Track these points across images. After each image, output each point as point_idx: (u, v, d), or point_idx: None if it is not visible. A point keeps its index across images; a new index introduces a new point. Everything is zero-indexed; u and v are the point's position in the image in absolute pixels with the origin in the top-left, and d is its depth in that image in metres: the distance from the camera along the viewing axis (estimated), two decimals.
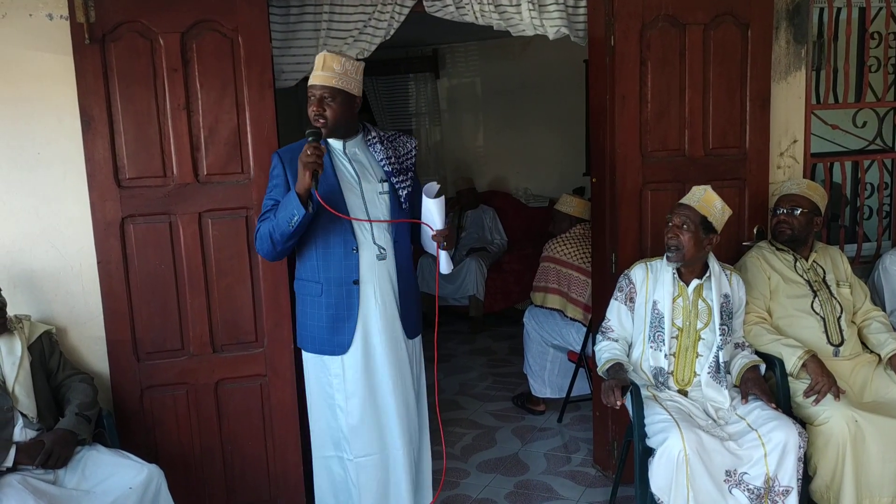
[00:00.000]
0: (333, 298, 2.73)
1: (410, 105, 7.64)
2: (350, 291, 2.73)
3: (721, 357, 2.88)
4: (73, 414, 2.72)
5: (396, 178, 2.78)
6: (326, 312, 2.74)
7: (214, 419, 3.12)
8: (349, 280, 2.72)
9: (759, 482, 2.66)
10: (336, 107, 2.64)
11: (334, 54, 2.64)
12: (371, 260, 2.73)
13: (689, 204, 2.88)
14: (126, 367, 3.01)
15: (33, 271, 2.95)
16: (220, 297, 3.05)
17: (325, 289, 2.74)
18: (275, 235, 2.62)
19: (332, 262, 2.72)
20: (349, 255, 2.71)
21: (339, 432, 2.82)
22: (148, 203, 2.95)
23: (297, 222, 2.56)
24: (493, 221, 6.70)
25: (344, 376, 2.77)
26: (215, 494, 3.15)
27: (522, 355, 4.55)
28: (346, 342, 2.75)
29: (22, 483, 2.51)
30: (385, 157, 2.78)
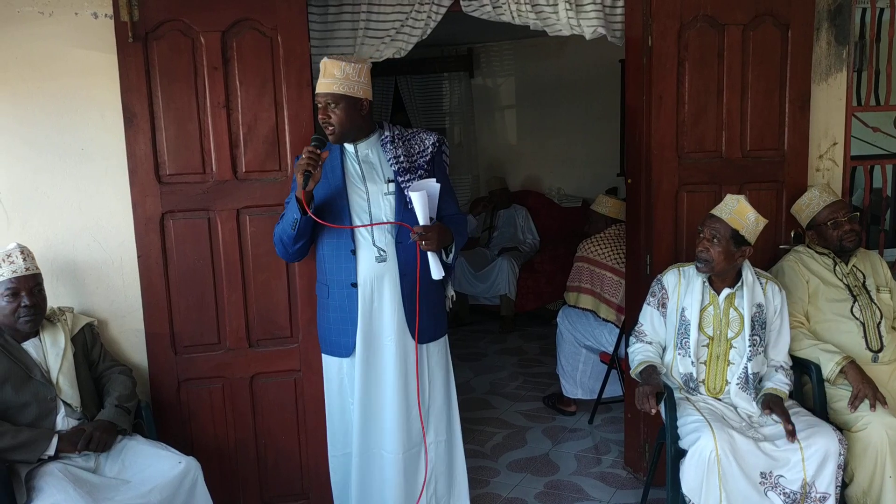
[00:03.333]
0: (337, 301, 2.79)
1: (444, 104, 7.66)
2: (350, 294, 2.76)
3: (750, 368, 2.83)
4: (112, 406, 2.78)
5: (402, 177, 2.77)
6: (333, 314, 2.83)
7: (249, 413, 3.16)
8: (348, 282, 2.76)
9: (796, 486, 2.63)
10: (340, 112, 2.67)
11: (334, 59, 2.65)
12: (370, 262, 2.75)
13: (720, 216, 2.82)
14: (164, 360, 3.06)
15: (76, 264, 3.01)
16: (256, 293, 3.09)
17: (331, 291, 2.81)
18: (284, 238, 2.73)
19: (336, 265, 2.78)
20: (348, 257, 2.75)
21: (348, 430, 2.89)
22: (187, 199, 2.99)
23: (299, 226, 2.65)
24: (526, 221, 6.70)
25: (353, 377, 2.83)
26: (249, 487, 3.19)
27: (553, 356, 4.55)
28: (349, 344, 2.80)
29: (63, 471, 2.57)
30: (393, 156, 2.78)
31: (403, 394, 2.83)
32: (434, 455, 2.94)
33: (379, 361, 2.81)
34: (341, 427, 2.92)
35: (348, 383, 2.85)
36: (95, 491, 2.54)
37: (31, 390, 2.67)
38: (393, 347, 2.80)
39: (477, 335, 6.21)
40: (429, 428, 2.92)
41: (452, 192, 2.96)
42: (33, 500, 2.50)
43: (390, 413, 2.83)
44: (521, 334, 6.24)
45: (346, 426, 2.90)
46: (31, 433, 2.60)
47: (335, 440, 2.96)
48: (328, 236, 2.76)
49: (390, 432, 2.84)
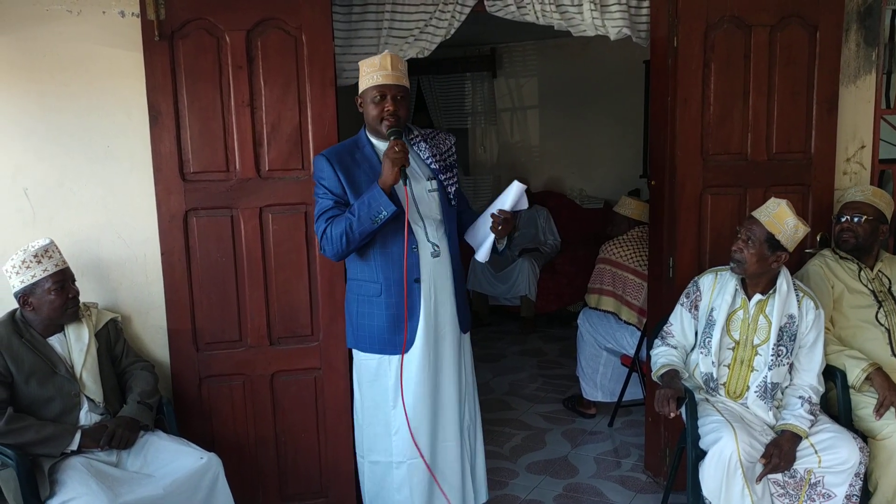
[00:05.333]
0: (394, 298, 2.74)
1: (466, 104, 7.66)
2: (411, 290, 2.73)
3: (770, 378, 2.79)
4: (134, 402, 2.80)
5: (444, 175, 2.80)
6: (387, 312, 2.75)
7: (269, 410, 3.17)
8: (410, 279, 2.72)
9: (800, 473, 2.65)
10: (405, 105, 2.70)
11: (395, 55, 2.69)
12: (427, 258, 2.75)
13: (759, 218, 2.77)
14: (186, 357, 3.09)
15: (100, 260, 3.04)
16: (277, 291, 3.10)
17: (385, 288, 2.74)
18: (352, 235, 2.61)
19: (391, 262, 2.72)
20: (410, 253, 2.71)
21: (393, 434, 2.81)
22: (211, 197, 3.01)
23: (384, 219, 2.58)
24: (547, 222, 6.68)
25: (402, 376, 2.77)
26: (268, 484, 3.21)
27: (573, 357, 4.53)
28: (408, 340, 2.76)
29: (85, 465, 2.60)
30: (430, 154, 2.80)
31: (461, 385, 2.87)
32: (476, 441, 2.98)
33: (443, 355, 2.81)
34: (384, 432, 2.81)
35: (395, 382, 2.77)
36: (117, 485, 2.57)
37: (55, 385, 2.70)
38: (454, 340, 2.84)
39: (497, 336, 6.20)
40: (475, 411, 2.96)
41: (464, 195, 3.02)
42: (56, 493, 2.52)
43: (451, 406, 2.84)
44: (540, 336, 6.22)
45: (389, 429, 2.80)
46: (55, 428, 2.63)
47: (375, 445, 2.84)
48: (384, 233, 2.69)
49: (453, 425, 2.85)
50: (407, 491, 2.83)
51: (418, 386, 2.77)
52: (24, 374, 2.65)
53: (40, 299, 2.69)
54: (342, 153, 2.73)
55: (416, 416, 2.77)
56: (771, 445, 2.66)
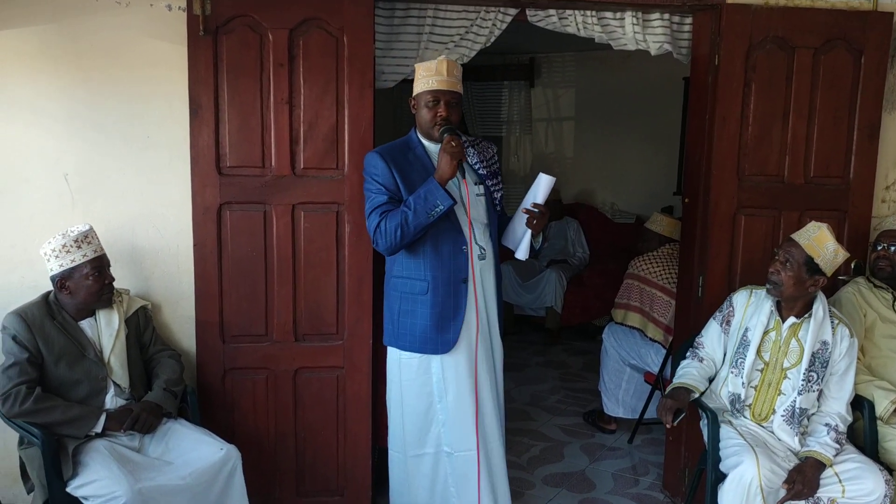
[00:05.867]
0: (440, 297, 2.76)
1: (503, 112, 7.66)
2: (458, 290, 2.77)
3: (799, 403, 2.74)
4: (160, 388, 2.84)
5: (491, 181, 2.86)
6: (433, 311, 2.77)
7: (291, 406, 3.19)
8: (458, 279, 2.76)
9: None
10: (458, 111, 2.76)
11: (452, 61, 2.73)
12: (476, 259, 2.79)
13: (798, 241, 2.74)
14: (212, 348, 3.12)
15: (134, 249, 3.09)
16: (305, 288, 3.13)
17: (433, 287, 2.76)
18: (407, 228, 2.64)
19: (441, 261, 2.76)
20: (459, 253, 2.76)
21: (442, 430, 2.85)
22: (245, 191, 3.04)
23: (440, 213, 2.62)
24: (577, 234, 6.65)
25: (445, 374, 2.80)
26: (285, 480, 3.22)
27: (596, 371, 4.50)
28: (451, 340, 2.78)
29: (108, 449, 2.64)
30: (479, 160, 2.86)
31: (495, 387, 2.90)
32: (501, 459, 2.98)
33: (483, 358, 2.83)
34: (423, 426, 2.86)
35: (441, 380, 2.81)
36: (138, 470, 2.60)
37: (83, 368, 2.74)
38: (492, 344, 2.88)
39: (520, 346, 6.18)
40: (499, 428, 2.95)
41: None
42: (79, 474, 2.57)
43: (489, 407, 2.86)
44: (564, 348, 6.19)
45: (428, 425, 2.86)
46: (81, 410, 2.67)
47: (412, 440, 2.88)
48: (436, 231, 2.72)
49: (493, 426, 2.87)
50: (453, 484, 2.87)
51: (462, 384, 2.81)
52: (54, 355, 2.69)
53: (78, 284, 2.74)
54: (395, 152, 2.78)
55: (461, 414, 2.82)
56: (794, 471, 2.62)
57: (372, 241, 2.77)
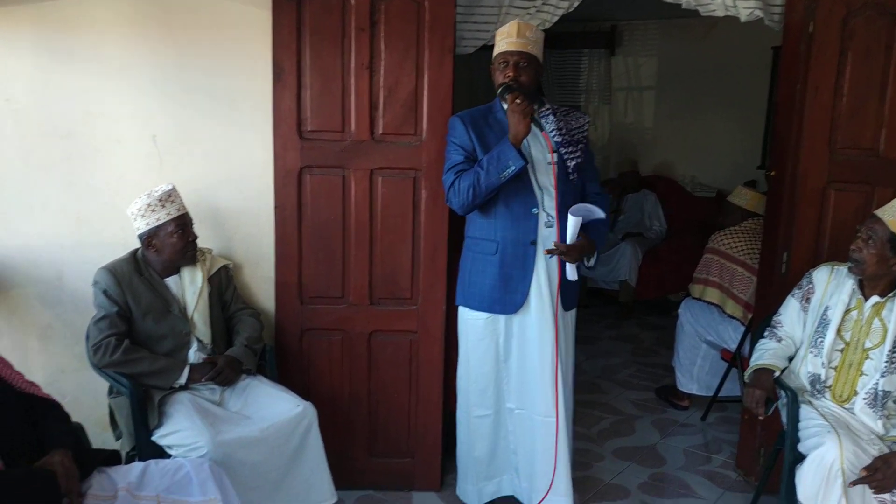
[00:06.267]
0: (508, 258, 2.81)
1: (581, 81, 7.51)
2: (526, 252, 2.80)
3: (882, 385, 2.63)
4: (241, 345, 2.93)
5: (566, 149, 2.81)
6: (500, 271, 2.82)
7: (365, 368, 3.25)
8: (527, 241, 2.79)
9: None
10: (529, 72, 2.73)
11: (526, 22, 2.71)
12: (542, 225, 2.80)
13: (882, 218, 2.62)
14: (290, 309, 3.20)
15: (217, 210, 3.17)
16: (381, 253, 3.16)
17: (501, 248, 2.82)
18: (479, 188, 2.69)
19: (511, 222, 2.80)
20: (528, 216, 2.78)
21: (503, 388, 2.91)
22: (325, 156, 3.08)
23: (512, 174, 2.64)
24: (654, 207, 6.52)
25: (511, 334, 2.87)
26: (357, 440, 3.30)
27: (670, 347, 4.43)
28: (517, 301, 2.83)
29: (191, 401, 2.75)
30: (556, 128, 2.81)
31: (557, 354, 2.87)
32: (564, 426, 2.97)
33: (546, 324, 2.84)
34: (495, 385, 2.93)
35: (504, 341, 2.87)
36: (218, 422, 2.70)
37: (168, 324, 2.85)
38: (552, 309, 2.85)
39: (592, 319, 6.12)
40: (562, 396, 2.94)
41: (596, 169, 3.02)
42: (163, 424, 2.69)
43: (550, 374, 2.86)
44: (637, 322, 6.11)
45: (499, 385, 2.92)
46: (167, 362, 2.79)
47: (481, 400, 2.95)
48: (511, 194, 2.76)
49: (553, 394, 2.87)
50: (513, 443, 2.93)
51: (526, 346, 2.85)
52: (141, 310, 2.80)
53: (163, 241, 2.84)
54: (475, 115, 2.82)
55: (524, 376, 2.86)
56: (879, 460, 2.51)
57: (446, 200, 2.83)
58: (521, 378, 2.90)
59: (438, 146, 2.93)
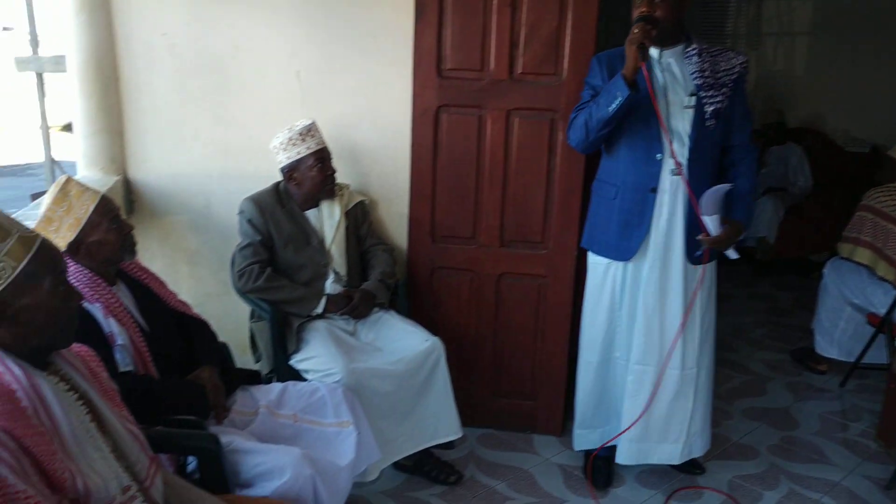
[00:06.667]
0: (627, 203, 2.73)
1: (728, 25, 7.09)
2: (645, 199, 2.70)
3: None
4: (375, 279, 3.01)
5: (706, 92, 2.64)
6: (618, 217, 2.75)
7: (492, 308, 3.27)
8: (646, 187, 2.69)
9: None
10: (666, 7, 2.56)
11: None
12: (667, 172, 2.68)
13: None
14: (422, 246, 3.24)
15: (355, 145, 3.23)
16: (514, 195, 3.14)
17: (620, 192, 2.74)
18: (591, 122, 2.63)
19: (633, 166, 2.71)
20: (651, 161, 2.67)
21: (615, 338, 2.87)
22: (463, 95, 3.07)
23: (618, 105, 2.53)
24: (800, 161, 6.13)
25: (626, 282, 2.81)
26: (482, 378, 3.34)
27: (808, 310, 4.22)
28: (632, 248, 2.76)
29: (327, 330, 2.86)
30: (698, 69, 2.65)
31: (676, 308, 2.79)
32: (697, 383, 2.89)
33: (667, 272, 2.76)
34: (605, 334, 2.90)
35: (619, 289, 2.83)
36: (351, 352, 2.80)
37: (307, 254, 2.95)
38: (679, 262, 2.76)
39: (726, 276, 5.82)
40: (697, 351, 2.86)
41: (749, 117, 2.81)
42: (300, 349, 2.81)
43: (670, 327, 2.80)
44: (774, 282, 5.82)
45: (610, 332, 2.89)
46: (305, 291, 2.90)
47: (594, 345, 2.93)
48: (635, 136, 2.68)
49: (672, 347, 2.80)
50: (617, 394, 2.89)
51: (640, 295, 2.78)
52: (283, 240, 2.92)
53: (303, 175, 2.92)
54: (613, 56, 2.70)
55: (634, 327, 2.80)
56: None
57: (567, 139, 2.79)
58: (631, 328, 2.83)
59: (579, 87, 2.85)
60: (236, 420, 2.32)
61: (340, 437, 2.35)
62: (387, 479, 2.99)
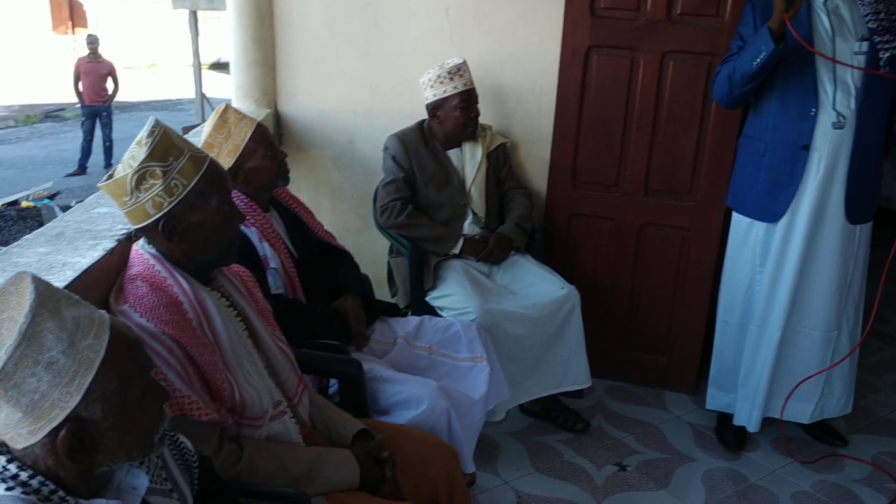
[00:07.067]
0: (777, 161, 2.57)
1: None
2: (796, 157, 2.53)
3: None
4: (512, 223, 2.99)
5: (881, 37, 2.42)
6: (765, 175, 2.61)
7: (630, 260, 3.18)
8: (798, 144, 2.52)
9: None
10: None
11: None
12: (826, 127, 2.48)
13: None
14: (561, 192, 3.18)
15: (500, 86, 3.19)
16: (662, 142, 3.02)
17: (770, 149, 2.58)
18: (734, 77, 2.50)
19: (783, 122, 2.54)
20: (805, 116, 2.49)
21: (753, 299, 2.75)
22: (615, 35, 2.95)
23: (763, 59, 2.39)
24: None
25: (770, 245, 2.66)
26: (616, 330, 3.27)
27: None
28: (779, 210, 2.60)
29: (464, 269, 2.87)
30: (872, 12, 2.43)
31: (830, 270, 2.64)
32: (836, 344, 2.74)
33: (824, 238, 2.61)
34: (744, 295, 2.77)
35: (761, 251, 2.68)
36: (486, 292, 2.81)
37: (448, 194, 2.96)
38: (837, 222, 2.59)
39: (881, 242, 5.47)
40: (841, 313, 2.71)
41: None
42: (437, 286, 2.84)
43: (820, 289, 2.66)
44: None
45: (748, 295, 2.75)
46: (444, 230, 2.92)
47: (732, 306, 2.82)
48: (786, 89, 2.51)
49: (816, 309, 2.68)
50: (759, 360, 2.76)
51: (786, 260, 2.63)
52: (425, 178, 2.93)
53: (447, 114, 2.91)
54: (768, 1, 2.48)
55: (778, 289, 2.66)
56: None
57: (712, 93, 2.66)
58: (773, 291, 2.67)
59: None
60: (375, 349, 2.38)
61: (473, 371, 2.37)
62: (513, 422, 3.01)
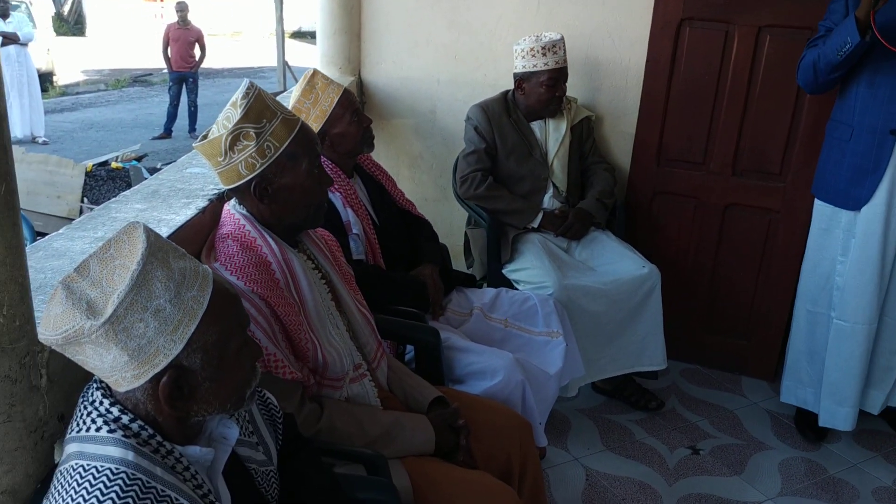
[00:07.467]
0: (862, 147, 2.45)
1: None
2: (883, 142, 2.41)
3: None
4: (593, 198, 2.94)
5: None
6: (850, 161, 2.49)
7: (714, 241, 3.10)
8: (886, 128, 2.39)
9: None
10: None
11: None
12: None
13: None
14: (645, 168, 3.11)
15: (587, 58, 3.12)
16: (754, 120, 2.91)
17: (856, 134, 2.47)
18: (819, 64, 2.41)
19: (872, 106, 2.41)
20: (894, 100, 2.36)
21: (830, 288, 2.65)
22: (710, 7, 2.85)
23: (848, 51, 2.29)
24: None
25: (851, 233, 2.55)
26: (696, 311, 3.19)
27: None
28: (863, 197, 2.49)
29: (542, 243, 2.84)
30: None
31: None
32: None
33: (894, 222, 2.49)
34: (824, 285, 2.66)
35: (847, 238, 2.56)
36: (564, 267, 2.78)
37: (528, 166, 2.93)
38: None
39: None
40: None
41: None
42: (514, 259, 2.83)
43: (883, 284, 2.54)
44: None
45: (830, 285, 2.64)
46: (523, 203, 2.89)
47: (811, 295, 2.72)
48: (873, 71, 2.39)
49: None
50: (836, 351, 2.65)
51: (868, 249, 2.51)
52: (506, 149, 2.91)
53: (532, 87, 2.87)
54: None
55: (860, 280, 2.54)
56: None
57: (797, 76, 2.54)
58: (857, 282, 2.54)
59: None
60: (451, 318, 2.39)
61: (549, 346, 2.36)
62: (585, 399, 2.99)
